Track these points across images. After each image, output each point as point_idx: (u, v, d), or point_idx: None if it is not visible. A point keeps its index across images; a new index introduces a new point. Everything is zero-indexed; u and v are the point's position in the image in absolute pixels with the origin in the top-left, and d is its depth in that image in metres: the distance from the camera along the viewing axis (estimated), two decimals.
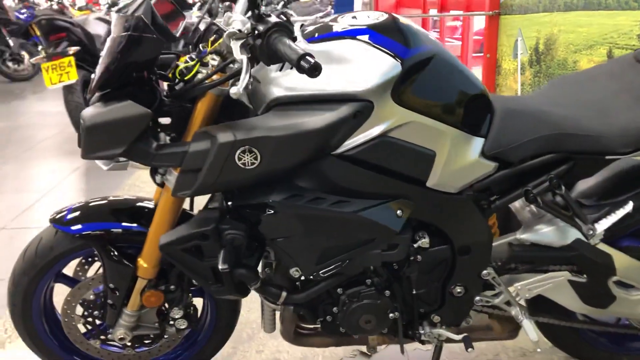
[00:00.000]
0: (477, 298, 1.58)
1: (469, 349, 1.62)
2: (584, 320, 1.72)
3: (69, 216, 1.56)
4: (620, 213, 1.45)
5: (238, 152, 1.26)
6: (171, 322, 1.66)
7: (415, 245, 1.49)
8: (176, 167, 1.34)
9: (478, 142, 1.41)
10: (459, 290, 1.55)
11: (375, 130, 1.31)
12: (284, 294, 1.51)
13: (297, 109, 1.30)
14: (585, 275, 1.56)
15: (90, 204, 1.61)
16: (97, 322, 1.68)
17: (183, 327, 1.66)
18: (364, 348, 1.73)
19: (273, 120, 1.30)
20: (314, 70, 1.08)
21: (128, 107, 1.29)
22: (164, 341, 1.75)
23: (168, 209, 1.47)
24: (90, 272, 1.70)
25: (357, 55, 1.30)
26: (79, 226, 1.55)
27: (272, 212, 1.33)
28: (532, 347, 1.98)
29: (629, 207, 1.45)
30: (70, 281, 1.70)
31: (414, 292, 1.55)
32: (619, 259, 1.54)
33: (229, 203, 1.39)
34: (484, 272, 1.53)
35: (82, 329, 1.70)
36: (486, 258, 1.52)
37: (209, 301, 1.76)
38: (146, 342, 1.72)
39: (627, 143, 1.39)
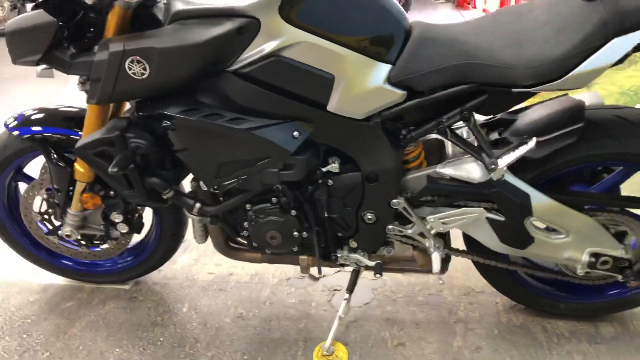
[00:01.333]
0: (390, 227, 1.59)
1: (377, 275, 1.64)
2: (499, 259, 1.67)
3: (20, 120, 1.71)
4: (522, 150, 1.38)
5: (127, 62, 1.33)
6: (114, 226, 1.80)
7: (324, 169, 1.51)
8: (88, 75, 1.44)
9: (383, 68, 1.39)
10: (369, 217, 1.56)
11: (265, 48, 1.32)
12: (197, 205, 1.59)
13: (191, 23, 1.33)
14: (502, 214, 1.52)
15: (41, 111, 1.75)
16: (53, 219, 1.85)
17: (124, 231, 1.80)
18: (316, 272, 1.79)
19: (166, 32, 1.34)
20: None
21: (37, 16, 1.39)
22: (113, 243, 1.90)
23: (93, 116, 1.57)
24: None
25: None
26: (25, 129, 1.70)
27: (169, 123, 1.40)
28: (478, 286, 1.96)
29: (532, 144, 1.38)
30: (28, 180, 1.87)
31: (327, 215, 1.58)
32: (538, 199, 1.48)
33: (140, 113, 1.47)
34: (394, 201, 1.53)
35: (42, 226, 1.89)
36: (394, 187, 1.51)
37: (153, 210, 1.88)
38: (96, 242, 1.88)
39: (532, 75, 1.30)
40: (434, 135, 1.50)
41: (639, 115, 1.47)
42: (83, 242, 1.86)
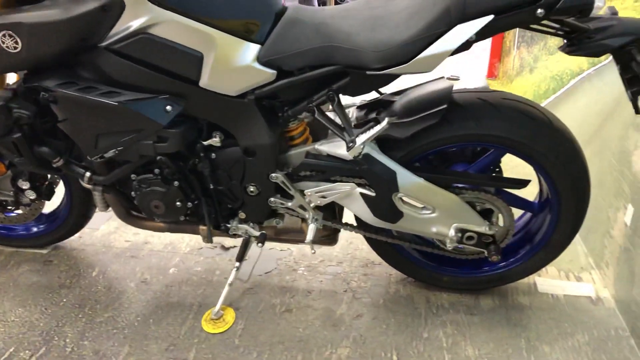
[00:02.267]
0: (272, 199, 1.68)
1: (259, 244, 1.74)
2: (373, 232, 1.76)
3: None
4: (376, 129, 1.46)
5: (0, 35, 1.40)
6: (22, 192, 1.89)
7: (205, 143, 1.59)
8: None
9: (252, 48, 1.46)
10: (251, 189, 1.65)
11: (132, 26, 1.39)
12: (87, 174, 1.68)
13: (63, 1, 1.41)
14: (373, 190, 1.60)
15: None
16: None
17: (32, 197, 1.89)
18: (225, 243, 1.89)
19: (38, 8, 1.41)
20: None
21: None
22: (27, 209, 1.99)
23: None
24: None
25: None
26: None
27: (47, 95, 1.48)
28: (377, 259, 2.06)
29: (384, 124, 1.46)
30: None
31: (212, 187, 1.67)
32: (404, 177, 1.56)
33: (25, 85, 1.55)
34: (272, 175, 1.61)
35: None
36: (272, 161, 1.59)
37: (62, 179, 1.97)
38: (9, 207, 1.97)
39: (381, 59, 1.38)
40: (305, 114, 1.58)
41: (500, 99, 1.55)
42: None
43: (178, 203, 1.67)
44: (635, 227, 1.73)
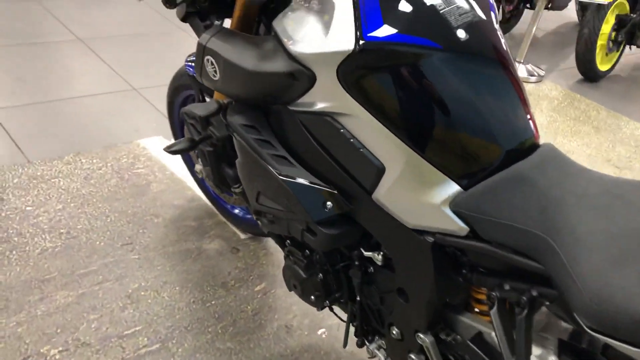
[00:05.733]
0: (412, 356, 1.29)
1: None
2: None
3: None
4: None
5: (205, 58, 1.28)
6: None
7: (365, 253, 1.28)
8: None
9: (449, 188, 1.05)
10: (394, 332, 1.29)
11: (319, 104, 1.12)
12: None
13: (269, 46, 1.20)
14: None
15: None
16: None
17: None
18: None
19: (246, 43, 1.23)
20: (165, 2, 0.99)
21: None
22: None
23: None
24: None
25: (330, 9, 1.08)
26: (191, 67, 1.82)
27: (230, 129, 1.33)
28: None
29: None
30: None
31: (358, 298, 1.36)
32: None
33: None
34: (420, 334, 1.22)
35: None
36: (423, 319, 1.19)
37: None
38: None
39: (595, 317, 0.82)
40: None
41: None
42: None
43: (315, 295, 1.41)
44: None
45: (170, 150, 1.46)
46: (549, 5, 4.83)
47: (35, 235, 1.97)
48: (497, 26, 1.12)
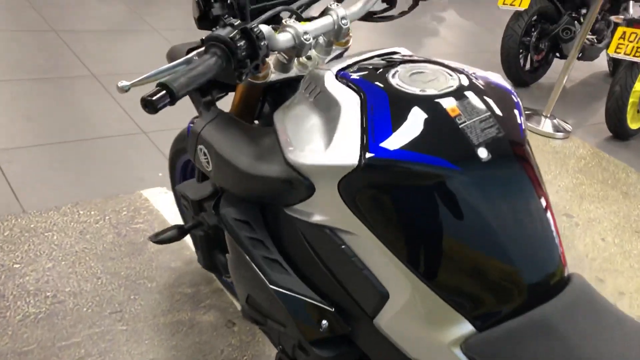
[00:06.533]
0: None
1: None
2: None
3: None
4: None
5: (199, 147, 1.16)
6: None
7: None
8: None
9: (462, 329, 0.90)
10: None
11: (317, 216, 0.98)
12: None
13: (267, 142, 1.07)
14: None
15: None
16: None
17: None
18: None
19: (245, 135, 1.11)
20: (144, 106, 0.87)
21: None
22: None
23: None
24: None
25: (336, 111, 0.95)
26: None
27: (222, 223, 1.20)
28: None
29: None
30: None
31: None
32: None
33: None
34: None
35: None
36: None
37: None
38: None
39: None
40: None
41: None
42: None
43: None
44: None
45: (155, 240, 1.34)
46: (580, 55, 4.68)
47: (19, 298, 1.85)
48: (524, 135, 0.98)
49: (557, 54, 4.82)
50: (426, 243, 0.89)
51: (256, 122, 1.31)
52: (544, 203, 0.96)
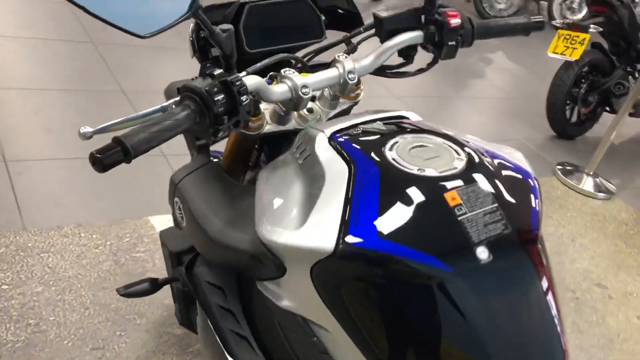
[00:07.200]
0: None
1: None
2: None
3: None
4: None
5: (174, 199, 1.05)
6: None
7: None
8: None
9: None
10: None
11: (286, 301, 0.85)
12: None
13: (248, 203, 0.95)
14: None
15: None
16: None
17: None
18: None
19: (227, 192, 0.99)
20: (92, 162, 0.76)
21: None
22: None
23: None
24: None
25: (319, 183, 0.82)
26: None
27: (192, 284, 1.08)
28: None
29: None
30: None
31: None
32: None
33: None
34: None
35: None
36: None
37: None
38: None
39: None
40: None
41: None
42: None
43: None
44: None
45: (123, 293, 1.23)
46: (632, 112, 4.44)
47: None
48: (537, 231, 0.82)
49: (607, 108, 4.58)
50: (406, 351, 0.75)
51: (248, 174, 1.20)
52: (554, 311, 0.80)
